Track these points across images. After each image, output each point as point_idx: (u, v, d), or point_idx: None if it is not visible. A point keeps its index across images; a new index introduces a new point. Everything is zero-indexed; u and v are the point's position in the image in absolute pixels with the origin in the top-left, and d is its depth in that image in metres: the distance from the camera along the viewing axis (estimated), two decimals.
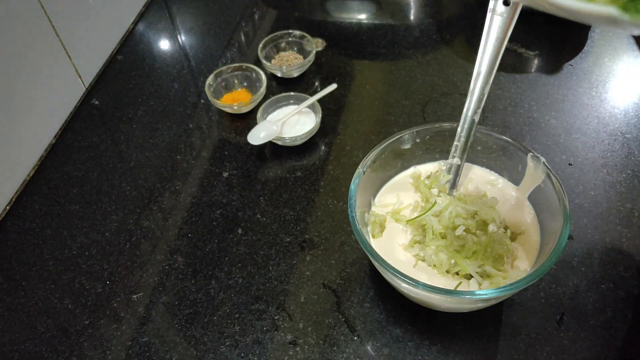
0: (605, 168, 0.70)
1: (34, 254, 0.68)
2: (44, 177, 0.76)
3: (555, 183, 0.55)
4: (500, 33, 0.55)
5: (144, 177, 0.75)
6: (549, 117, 0.77)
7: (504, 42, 0.56)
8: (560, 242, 0.51)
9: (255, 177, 0.74)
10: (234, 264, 0.65)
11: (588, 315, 0.57)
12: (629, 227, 0.64)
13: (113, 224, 0.70)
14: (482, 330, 0.57)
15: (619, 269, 0.60)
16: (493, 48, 0.56)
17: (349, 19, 0.97)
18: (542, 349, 0.55)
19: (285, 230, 0.67)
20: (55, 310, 0.62)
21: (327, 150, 0.76)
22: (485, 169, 0.64)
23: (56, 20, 0.78)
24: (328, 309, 0.60)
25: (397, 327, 0.58)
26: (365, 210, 0.61)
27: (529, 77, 0.83)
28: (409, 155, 0.64)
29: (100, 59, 0.92)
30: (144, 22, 1.00)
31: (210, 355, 0.57)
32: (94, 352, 0.58)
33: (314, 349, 0.57)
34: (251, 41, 0.95)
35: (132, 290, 0.63)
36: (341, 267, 0.63)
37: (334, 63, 0.89)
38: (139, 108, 0.85)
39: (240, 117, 0.82)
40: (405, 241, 0.59)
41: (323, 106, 0.79)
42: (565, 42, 0.88)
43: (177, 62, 0.92)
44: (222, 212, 0.70)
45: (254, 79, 0.84)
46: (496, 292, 0.48)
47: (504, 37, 0.56)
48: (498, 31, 0.55)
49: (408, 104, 0.81)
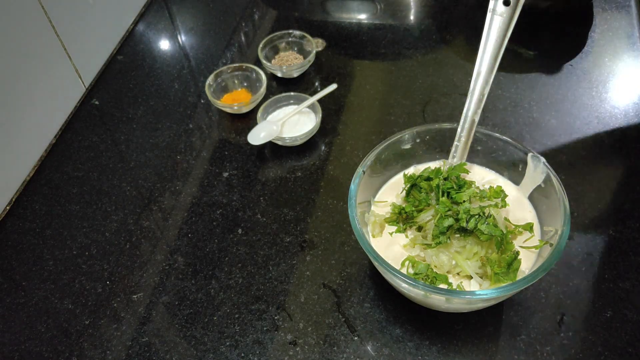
0: (606, 168, 0.70)
1: (34, 254, 0.68)
2: (44, 177, 0.76)
3: (555, 183, 0.55)
4: (500, 33, 0.56)
5: (144, 177, 0.75)
6: (549, 117, 0.77)
7: (504, 42, 0.56)
8: (560, 242, 0.51)
9: (255, 177, 0.74)
10: (234, 264, 0.65)
11: (588, 315, 0.57)
12: (629, 227, 0.64)
13: (113, 224, 0.70)
14: (482, 330, 0.57)
15: (619, 269, 0.60)
16: (493, 48, 0.56)
17: (349, 19, 0.97)
18: (542, 349, 0.55)
19: (285, 230, 0.67)
20: (55, 310, 0.62)
21: (327, 150, 0.76)
22: (485, 169, 0.64)
23: (56, 21, 0.78)
24: (328, 309, 0.60)
25: (397, 327, 0.58)
26: (365, 210, 0.61)
27: (529, 77, 0.83)
28: (409, 155, 0.64)
29: (100, 59, 0.92)
30: (144, 22, 1.00)
31: (210, 355, 0.57)
32: (94, 352, 0.58)
33: (314, 349, 0.57)
34: (251, 41, 0.95)
35: (132, 290, 0.63)
36: (341, 267, 0.63)
37: (334, 63, 0.89)
38: (139, 108, 0.85)
39: (240, 117, 0.82)
40: (405, 241, 0.59)
41: (323, 106, 0.79)
42: (565, 42, 0.88)
43: (177, 62, 0.92)
44: (222, 212, 0.70)
45: (254, 79, 0.84)
46: (496, 292, 0.48)
47: (504, 37, 0.56)
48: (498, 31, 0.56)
49: (408, 104, 0.81)
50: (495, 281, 0.53)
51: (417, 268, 0.54)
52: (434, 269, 0.55)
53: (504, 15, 0.55)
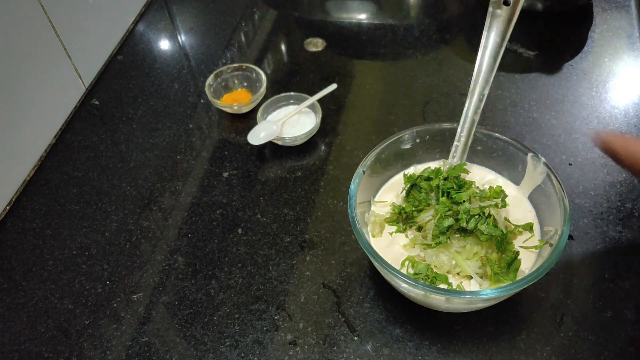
0: (605, 168, 0.70)
1: (34, 254, 0.68)
2: (44, 177, 0.76)
3: (555, 183, 0.55)
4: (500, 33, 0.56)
5: (144, 177, 0.75)
6: (549, 117, 0.77)
7: (504, 42, 0.56)
8: (560, 242, 0.51)
9: (255, 177, 0.74)
10: (234, 264, 0.65)
11: (588, 315, 0.57)
12: (629, 227, 0.64)
13: (113, 224, 0.70)
14: (482, 330, 0.57)
15: (619, 269, 0.60)
16: (493, 48, 0.56)
17: (349, 19, 0.97)
18: (542, 349, 0.55)
19: (285, 230, 0.67)
20: (55, 310, 0.62)
21: (327, 150, 0.76)
22: (485, 169, 0.64)
23: (56, 21, 0.78)
24: (328, 309, 0.60)
25: (397, 327, 0.58)
26: (365, 210, 0.61)
27: (529, 77, 0.83)
28: (409, 155, 0.64)
29: (100, 59, 0.92)
30: (144, 22, 1.00)
31: (210, 355, 0.57)
32: (94, 352, 0.58)
33: (314, 349, 0.57)
34: (251, 41, 0.95)
35: (132, 290, 0.63)
36: (341, 267, 0.63)
37: (334, 63, 0.89)
38: (139, 108, 0.85)
39: (240, 117, 0.82)
40: (405, 241, 0.59)
41: (323, 106, 0.79)
42: (565, 42, 0.88)
43: (177, 62, 0.92)
44: (222, 212, 0.70)
45: (254, 79, 0.84)
46: (496, 292, 0.48)
47: (504, 37, 0.56)
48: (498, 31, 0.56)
49: (408, 104, 0.81)
50: (495, 281, 0.53)
51: (417, 268, 0.54)
52: (434, 269, 0.55)
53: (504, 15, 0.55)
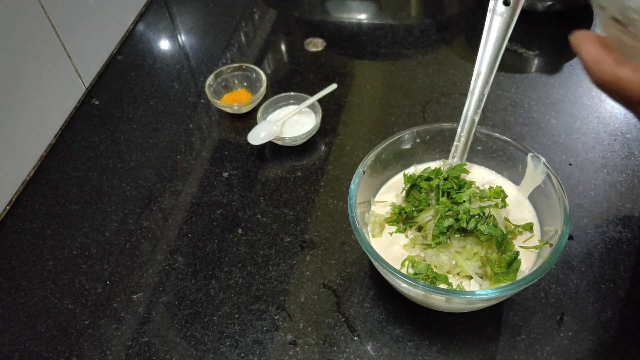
0: (605, 168, 0.70)
1: (34, 254, 0.68)
2: (44, 177, 0.76)
3: (555, 183, 0.55)
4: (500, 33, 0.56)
5: (144, 177, 0.75)
6: (549, 117, 0.77)
7: (504, 42, 0.56)
8: (560, 242, 0.51)
9: (255, 177, 0.74)
10: (234, 264, 0.65)
11: (588, 315, 0.57)
12: (629, 227, 0.64)
13: (113, 224, 0.70)
14: (482, 330, 0.57)
15: (619, 269, 0.60)
16: (493, 48, 0.56)
17: (349, 19, 0.97)
18: (542, 349, 0.55)
19: (285, 230, 0.67)
20: (55, 310, 0.62)
21: (327, 150, 0.76)
22: (485, 169, 0.64)
23: (56, 21, 0.78)
24: (328, 309, 0.60)
25: (397, 327, 0.58)
26: (365, 210, 0.61)
27: (529, 77, 0.83)
28: (409, 155, 0.64)
29: (100, 59, 0.92)
30: (144, 22, 1.00)
31: (210, 355, 0.57)
32: (94, 352, 0.58)
33: (314, 349, 0.57)
34: (251, 41, 0.95)
35: (132, 290, 0.63)
36: (341, 267, 0.63)
37: (334, 63, 0.89)
38: (139, 108, 0.85)
39: (240, 117, 0.82)
40: (405, 241, 0.59)
41: (323, 106, 0.79)
42: (565, 42, 0.87)
43: (177, 62, 0.92)
44: (222, 212, 0.70)
45: (254, 79, 0.84)
46: (496, 292, 0.48)
47: (504, 37, 0.56)
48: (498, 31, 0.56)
49: (408, 104, 0.81)
50: (495, 281, 0.53)
51: (417, 268, 0.54)
52: (434, 269, 0.55)
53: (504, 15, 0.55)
